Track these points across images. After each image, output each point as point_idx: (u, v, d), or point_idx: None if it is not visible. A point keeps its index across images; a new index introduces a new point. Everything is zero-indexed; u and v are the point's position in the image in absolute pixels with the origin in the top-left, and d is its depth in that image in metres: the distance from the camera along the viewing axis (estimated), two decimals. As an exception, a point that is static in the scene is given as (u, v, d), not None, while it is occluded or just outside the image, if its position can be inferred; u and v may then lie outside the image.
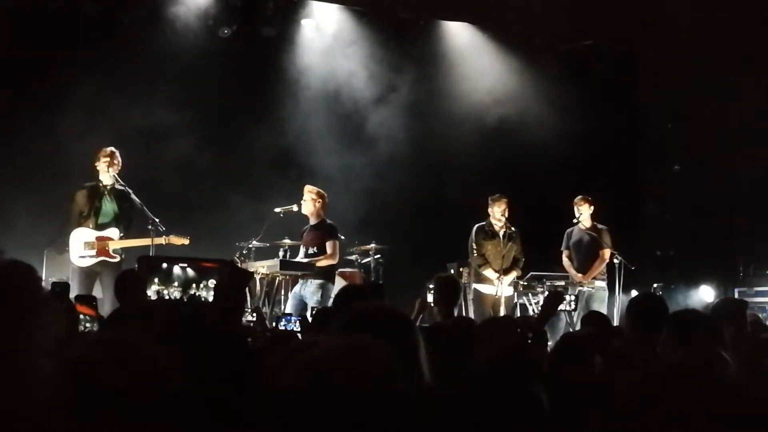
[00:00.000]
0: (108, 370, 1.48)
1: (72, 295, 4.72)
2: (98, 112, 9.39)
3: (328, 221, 8.48)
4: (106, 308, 5.81)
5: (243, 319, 5.42)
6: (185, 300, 3.81)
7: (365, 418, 1.29)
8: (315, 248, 8.30)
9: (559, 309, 6.40)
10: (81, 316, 3.50)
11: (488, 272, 8.79)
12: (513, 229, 8.89)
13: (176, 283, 3.91)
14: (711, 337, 3.60)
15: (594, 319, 5.13)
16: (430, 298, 5.97)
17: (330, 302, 8.16)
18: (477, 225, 8.98)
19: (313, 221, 8.44)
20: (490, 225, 8.93)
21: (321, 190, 8.55)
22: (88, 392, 1.43)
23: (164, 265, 3.91)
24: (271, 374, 1.67)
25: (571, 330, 7.95)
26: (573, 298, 7.96)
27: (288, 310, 7.79)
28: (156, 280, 3.89)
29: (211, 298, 3.94)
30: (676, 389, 1.30)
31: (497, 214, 8.88)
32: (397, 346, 1.95)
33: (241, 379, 2.33)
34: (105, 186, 7.88)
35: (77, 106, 9.15)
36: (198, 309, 3.82)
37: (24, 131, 9.30)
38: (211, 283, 3.96)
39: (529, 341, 2.60)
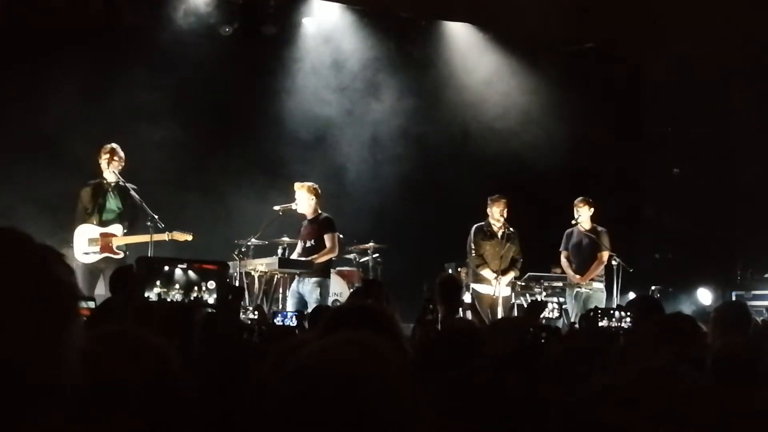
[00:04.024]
0: (117, 363, 1.48)
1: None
2: (98, 108, 9.38)
3: (325, 214, 8.34)
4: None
5: (243, 316, 5.43)
6: (187, 303, 3.79)
7: (366, 413, 1.28)
8: (312, 241, 8.20)
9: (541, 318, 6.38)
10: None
11: (486, 272, 8.79)
12: (512, 229, 8.88)
13: (178, 286, 3.88)
14: (693, 339, 3.59)
15: None
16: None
17: (329, 298, 8.18)
18: (476, 225, 8.97)
19: (309, 216, 8.34)
20: (489, 225, 8.92)
21: (312, 184, 8.37)
22: (97, 385, 1.42)
23: (166, 267, 3.88)
24: (270, 371, 1.67)
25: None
26: (556, 306, 7.92)
27: (290, 309, 7.77)
28: (158, 282, 3.86)
29: (212, 301, 3.92)
30: (639, 393, 1.29)
31: (496, 214, 8.86)
32: None
33: (239, 372, 2.33)
34: (109, 183, 7.92)
35: (77, 101, 9.14)
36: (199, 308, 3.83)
37: (22, 122, 9.27)
38: (211, 284, 3.93)
39: (543, 341, 2.57)
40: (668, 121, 12.02)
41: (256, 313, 5.69)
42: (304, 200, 8.29)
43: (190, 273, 3.87)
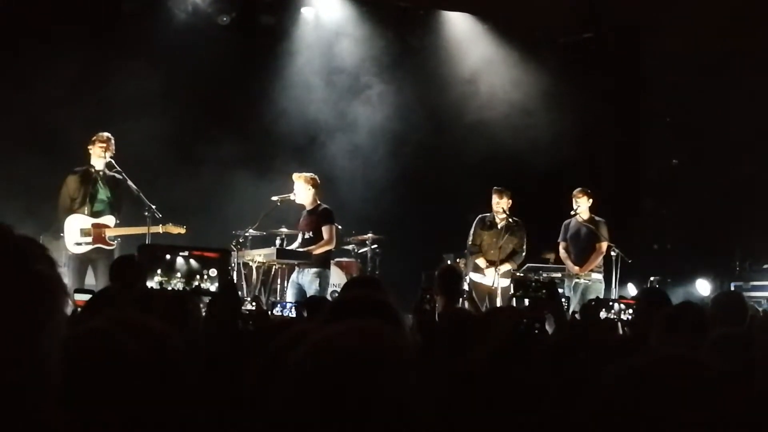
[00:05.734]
0: (119, 346, 1.48)
1: (66, 282, 4.69)
2: (94, 96, 9.35)
3: (324, 206, 8.29)
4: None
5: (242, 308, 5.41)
6: (189, 291, 3.78)
7: (377, 399, 1.28)
8: (311, 233, 8.16)
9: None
10: (78, 310, 3.49)
11: (479, 261, 8.85)
12: (514, 220, 8.91)
13: (179, 274, 3.87)
14: (699, 328, 3.60)
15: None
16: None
17: (328, 289, 8.16)
18: (479, 216, 9.05)
19: (308, 206, 8.29)
20: (492, 216, 8.99)
21: (311, 175, 8.31)
22: (98, 371, 1.42)
23: (167, 255, 3.87)
24: (276, 358, 1.66)
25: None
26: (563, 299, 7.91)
27: (289, 299, 7.75)
28: (159, 271, 3.85)
29: (213, 289, 3.91)
30: (662, 379, 1.30)
31: (498, 206, 8.92)
32: None
33: (236, 359, 2.33)
34: (97, 171, 7.79)
35: (73, 88, 9.10)
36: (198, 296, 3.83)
37: (16, 111, 9.22)
38: (213, 272, 3.92)
39: (536, 332, 2.56)
40: (667, 112, 12.00)
41: (253, 303, 5.69)
42: (302, 191, 8.25)
43: (192, 261, 3.86)
